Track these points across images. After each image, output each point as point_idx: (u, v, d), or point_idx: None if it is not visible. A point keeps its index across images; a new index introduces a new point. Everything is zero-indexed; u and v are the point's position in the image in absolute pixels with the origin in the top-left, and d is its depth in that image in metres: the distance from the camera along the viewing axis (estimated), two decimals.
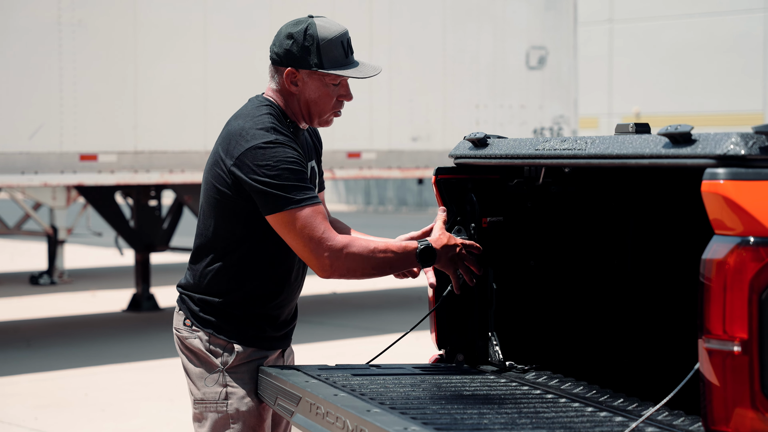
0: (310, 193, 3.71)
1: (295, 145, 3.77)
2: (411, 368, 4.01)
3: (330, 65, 3.80)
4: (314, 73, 3.81)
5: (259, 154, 3.69)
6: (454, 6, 12.66)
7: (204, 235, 3.90)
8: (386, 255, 3.75)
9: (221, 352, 3.88)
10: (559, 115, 13.51)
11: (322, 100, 3.84)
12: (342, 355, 10.11)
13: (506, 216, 4.18)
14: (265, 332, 3.93)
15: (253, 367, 3.91)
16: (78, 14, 10.24)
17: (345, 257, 3.69)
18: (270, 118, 3.80)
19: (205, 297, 3.90)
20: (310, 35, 3.79)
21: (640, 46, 31.18)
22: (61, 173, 10.28)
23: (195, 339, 3.92)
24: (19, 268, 17.47)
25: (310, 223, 3.67)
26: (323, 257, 3.69)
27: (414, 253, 3.79)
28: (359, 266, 3.72)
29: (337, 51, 3.81)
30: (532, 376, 3.98)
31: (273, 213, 3.69)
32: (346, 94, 3.88)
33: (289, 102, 3.87)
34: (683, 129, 3.05)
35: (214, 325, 3.89)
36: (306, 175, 3.74)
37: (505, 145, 3.91)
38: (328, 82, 3.82)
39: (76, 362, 9.95)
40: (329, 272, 3.72)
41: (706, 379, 2.88)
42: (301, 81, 3.83)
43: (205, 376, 3.90)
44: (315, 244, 3.68)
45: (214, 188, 3.83)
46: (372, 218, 29.92)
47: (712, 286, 2.85)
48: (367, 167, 12.13)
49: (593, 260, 4.18)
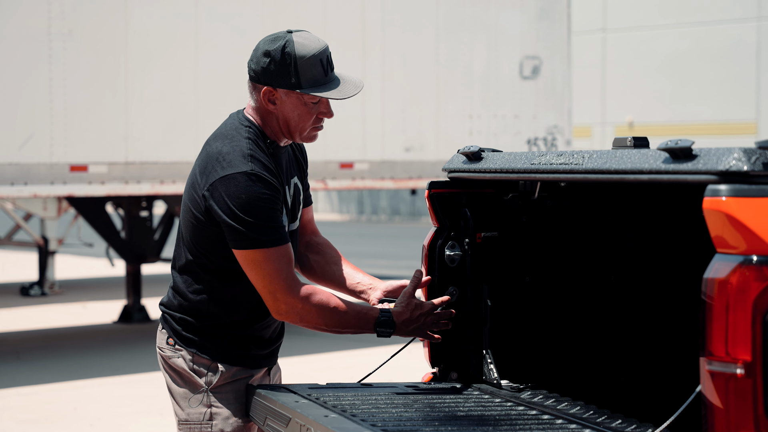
0: (278, 233, 3.63)
1: (272, 175, 3.67)
2: (403, 387, 3.92)
3: (308, 84, 3.68)
4: (292, 92, 3.70)
5: (233, 185, 3.60)
6: (447, 15, 12.58)
7: (182, 257, 3.82)
8: (344, 317, 3.69)
9: (205, 371, 3.80)
10: (553, 125, 13.44)
11: (301, 118, 3.74)
12: (332, 369, 10.02)
13: (501, 231, 4.09)
14: (250, 351, 3.84)
15: (238, 386, 3.82)
16: (68, 24, 10.15)
17: (301, 309, 3.65)
18: (249, 143, 3.70)
19: (186, 317, 3.81)
20: (288, 53, 3.67)
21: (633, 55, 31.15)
22: (51, 184, 10.19)
23: (178, 358, 3.83)
24: (9, 279, 17.36)
25: (273, 266, 3.62)
26: (279, 302, 3.65)
27: (372, 323, 3.72)
28: (312, 320, 3.68)
29: (316, 69, 3.69)
30: (528, 395, 3.89)
31: (237, 249, 3.64)
32: (327, 112, 3.77)
33: (268, 120, 3.78)
34: (684, 144, 2.96)
35: (197, 344, 3.81)
36: (277, 214, 3.65)
37: (499, 159, 3.82)
38: (307, 100, 3.72)
39: (65, 375, 9.85)
40: (283, 317, 3.69)
41: (708, 401, 2.79)
42: (279, 100, 3.72)
43: (189, 396, 3.81)
44: (273, 288, 3.64)
45: (189, 211, 3.74)
46: (365, 228, 29.83)
47: (714, 307, 2.77)
48: (359, 178, 12.04)
49: (590, 277, 4.09)
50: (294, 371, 9.70)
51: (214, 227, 3.67)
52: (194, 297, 3.78)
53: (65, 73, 10.13)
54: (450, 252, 4.05)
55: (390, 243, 24.48)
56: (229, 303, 3.78)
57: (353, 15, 11.96)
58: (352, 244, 24.48)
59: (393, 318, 3.73)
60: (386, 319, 3.72)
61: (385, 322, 3.72)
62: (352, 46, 11.94)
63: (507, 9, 13.05)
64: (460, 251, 4.04)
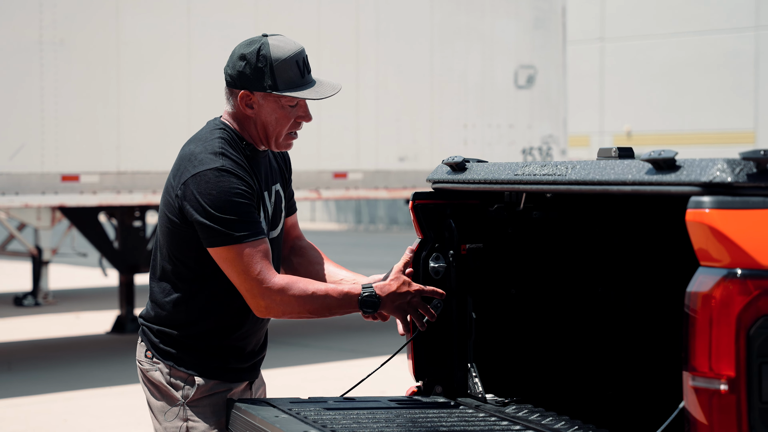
0: (253, 228, 3.57)
1: (244, 172, 3.62)
2: (387, 401, 3.85)
3: (285, 86, 3.64)
4: (269, 95, 3.66)
5: (204, 181, 3.56)
6: (442, 24, 12.54)
7: (159, 266, 3.76)
8: (325, 300, 3.62)
9: (182, 384, 3.73)
10: (549, 134, 13.39)
11: (279, 122, 3.69)
12: (325, 379, 9.95)
13: (486, 242, 4.03)
14: (228, 363, 3.78)
15: (216, 400, 3.75)
16: (60, 33, 10.10)
17: (281, 301, 3.58)
18: (221, 142, 3.66)
19: (163, 329, 3.75)
20: (263, 56, 3.64)
21: (631, 64, 31.14)
22: (42, 194, 10.13)
23: (156, 371, 3.77)
24: (3, 289, 17.29)
25: (248, 261, 3.55)
26: (258, 297, 3.58)
27: (356, 300, 3.65)
28: (295, 310, 3.61)
29: (292, 71, 3.65)
30: (513, 409, 3.83)
31: (212, 246, 3.58)
32: (305, 115, 3.73)
33: (246, 125, 3.73)
34: (667, 155, 2.90)
35: (175, 357, 3.74)
36: (251, 208, 3.60)
37: (483, 170, 3.76)
38: (284, 103, 3.68)
39: (56, 386, 9.78)
40: (264, 313, 3.63)
41: (692, 417, 2.73)
42: (256, 103, 3.68)
43: (166, 410, 3.75)
44: (251, 284, 3.57)
45: (165, 216, 3.69)
46: (362, 237, 29.77)
47: (697, 321, 2.71)
48: (353, 187, 11.99)
49: (576, 289, 4.03)
50: (287, 382, 9.64)
51: (190, 230, 3.61)
52: (171, 306, 3.72)
53: (57, 83, 10.08)
54: (434, 264, 3.98)
55: (387, 253, 24.41)
56: (206, 311, 3.72)
57: (347, 24, 11.91)
58: (350, 253, 24.41)
59: (376, 292, 3.65)
60: (369, 293, 3.65)
61: (368, 297, 3.64)
62: (347, 56, 11.90)
63: (502, 18, 13.01)
64: (444, 263, 3.98)
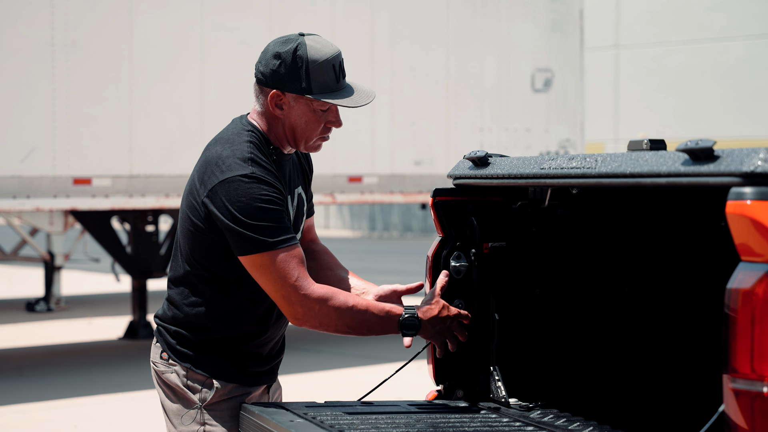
0: (286, 234, 3.45)
1: (274, 178, 3.50)
2: (406, 406, 3.71)
3: (319, 90, 3.50)
4: (301, 98, 3.52)
5: (233, 188, 3.42)
6: (457, 27, 12.40)
7: (179, 268, 3.65)
8: (364, 315, 3.49)
9: (199, 387, 3.61)
10: (566, 138, 13.24)
11: (308, 126, 3.56)
12: (339, 386, 9.81)
13: (509, 241, 3.88)
14: (247, 367, 3.66)
15: (234, 404, 3.64)
16: (72, 35, 9.98)
17: (319, 311, 3.46)
18: (249, 147, 3.52)
19: (180, 330, 3.64)
20: (300, 56, 3.49)
21: (646, 71, 31.03)
22: (54, 197, 10.01)
23: (172, 374, 3.65)
24: (15, 295, 17.19)
25: (284, 268, 3.42)
26: (296, 305, 3.45)
27: (396, 320, 3.51)
28: (333, 322, 3.47)
29: (328, 75, 3.50)
30: (537, 414, 3.68)
31: (244, 254, 3.45)
32: (336, 121, 3.58)
33: (273, 126, 3.59)
34: (705, 144, 2.75)
35: (192, 359, 3.62)
36: (282, 214, 3.47)
37: (507, 164, 3.61)
38: (316, 107, 3.53)
39: (68, 392, 9.66)
40: (301, 322, 3.49)
41: (732, 422, 2.58)
42: (286, 105, 3.54)
43: (182, 413, 3.63)
44: (288, 291, 3.44)
45: (188, 219, 3.57)
46: (377, 244, 29.65)
47: (738, 319, 2.56)
48: (368, 192, 11.86)
49: (603, 289, 3.88)
50: (301, 388, 9.51)
51: (215, 235, 3.50)
52: (190, 310, 3.61)
53: (69, 85, 9.96)
54: (455, 263, 3.84)
55: (401, 259, 24.29)
56: (227, 317, 3.61)
57: (362, 28, 11.79)
58: (364, 260, 24.29)
59: (418, 315, 3.53)
60: (411, 316, 3.51)
61: (410, 320, 3.51)
62: (361, 59, 11.78)
63: (518, 21, 12.87)
64: (466, 262, 3.83)
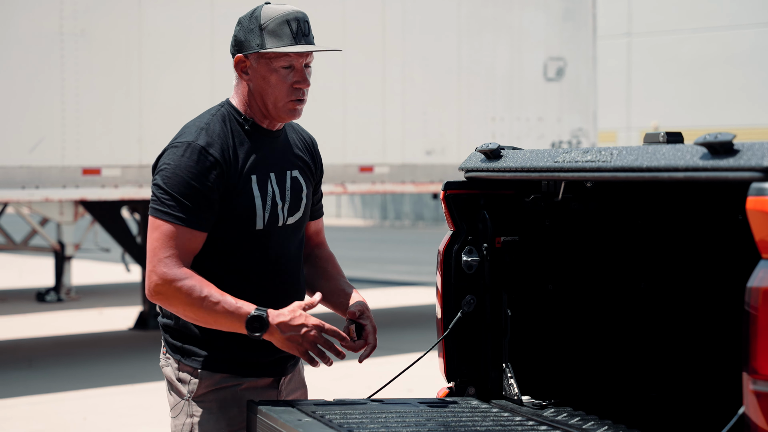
0: (190, 216, 3.41)
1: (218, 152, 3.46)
2: (416, 403, 3.63)
3: (273, 45, 3.47)
4: (261, 57, 3.51)
5: (170, 153, 3.48)
6: (469, 16, 12.31)
7: None
8: (213, 309, 3.38)
9: (188, 379, 3.56)
10: (578, 128, 13.14)
11: (274, 87, 3.52)
12: (350, 377, 9.75)
13: (522, 235, 3.81)
14: (237, 356, 3.55)
15: (224, 395, 3.55)
16: (81, 24, 9.92)
17: (167, 290, 3.39)
18: (209, 117, 3.55)
19: (168, 322, 3.60)
20: (256, 17, 3.52)
21: (658, 59, 30.91)
22: (63, 188, 9.96)
23: (168, 367, 3.62)
24: (26, 285, 17.16)
25: (163, 241, 3.39)
26: (152, 277, 3.39)
27: (244, 317, 3.38)
28: (179, 306, 3.41)
29: (283, 30, 3.48)
30: (551, 413, 3.60)
31: (149, 213, 3.46)
32: (301, 80, 3.53)
33: (247, 97, 3.59)
34: (724, 138, 2.67)
35: (182, 350, 3.58)
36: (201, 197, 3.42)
37: (520, 157, 3.53)
38: (276, 66, 3.50)
39: (77, 384, 9.61)
40: (152, 294, 3.42)
41: (753, 423, 2.50)
42: (251, 68, 3.54)
43: (173, 406, 3.59)
44: (154, 264, 3.39)
45: None
46: (388, 233, 29.60)
47: (759, 319, 2.48)
48: (379, 181, 11.78)
49: (618, 284, 3.80)
50: (310, 380, 9.42)
51: None
52: None
53: (78, 74, 9.90)
54: (467, 258, 3.76)
55: (413, 249, 24.23)
56: None
57: (373, 17, 11.71)
58: (375, 249, 24.24)
59: (267, 317, 3.38)
60: (259, 315, 3.37)
61: (256, 318, 3.36)
62: (373, 49, 11.70)
63: (530, 10, 12.78)
64: (478, 257, 3.76)
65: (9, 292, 16.37)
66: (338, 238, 26.35)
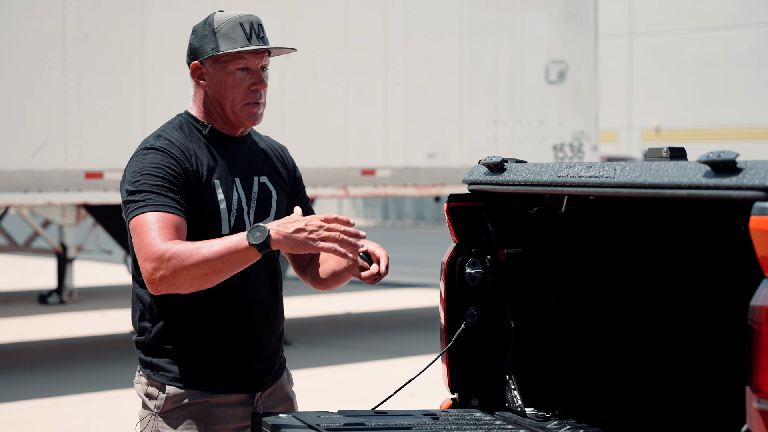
0: (162, 202, 3.33)
1: (180, 151, 3.44)
2: (420, 415, 3.64)
3: (228, 48, 3.48)
4: (217, 62, 3.51)
5: (133, 162, 3.43)
6: (471, 19, 12.32)
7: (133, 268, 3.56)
8: (214, 250, 3.23)
9: (156, 394, 3.52)
10: (580, 130, 13.15)
11: (230, 90, 3.51)
12: (352, 380, 9.76)
13: (525, 247, 3.82)
14: (205, 370, 3.51)
15: (191, 411, 3.49)
16: (83, 27, 9.93)
17: (163, 265, 3.22)
18: (167, 126, 3.56)
19: (140, 338, 3.57)
20: (209, 23, 3.53)
21: (659, 59, 30.91)
22: (65, 192, 9.97)
23: (139, 383, 3.59)
24: (28, 287, 17.17)
25: (146, 228, 3.27)
26: (146, 262, 3.25)
27: (245, 238, 3.23)
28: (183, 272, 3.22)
29: (237, 33, 3.48)
30: (555, 425, 3.62)
31: (128, 221, 3.35)
32: (258, 82, 3.52)
33: (207, 104, 3.58)
34: (727, 156, 2.68)
35: (151, 366, 3.54)
36: (168, 184, 3.36)
37: (524, 171, 3.54)
38: (232, 68, 3.50)
39: (80, 387, 9.62)
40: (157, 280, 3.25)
41: None
42: (207, 74, 3.54)
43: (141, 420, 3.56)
44: (141, 252, 3.27)
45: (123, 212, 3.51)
46: (390, 233, 29.60)
47: (762, 336, 2.49)
48: (381, 185, 11.79)
49: (621, 296, 3.81)
50: (313, 384, 9.47)
51: None
52: (138, 312, 3.56)
53: (80, 78, 9.91)
54: (471, 270, 3.78)
55: (415, 249, 24.23)
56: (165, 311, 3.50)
57: (375, 20, 11.72)
58: None
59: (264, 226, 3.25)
60: (256, 225, 3.26)
61: (254, 228, 3.23)
62: (374, 51, 11.71)
63: (532, 12, 12.79)
64: (481, 269, 3.77)
65: (11, 294, 16.38)
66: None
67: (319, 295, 15.84)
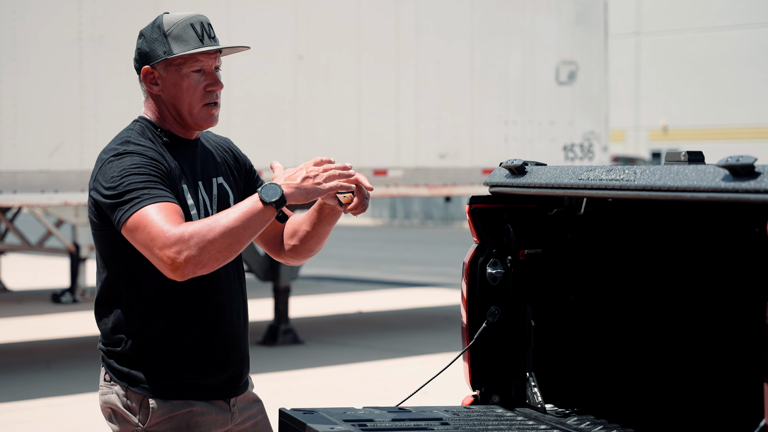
0: (157, 192, 3.28)
1: (152, 152, 3.39)
2: (441, 411, 3.74)
3: (180, 50, 3.43)
4: (170, 65, 3.45)
5: (107, 169, 3.33)
6: (482, 20, 12.41)
7: (98, 276, 3.51)
8: (231, 217, 3.21)
9: (138, 407, 3.42)
10: (590, 131, 13.24)
11: (186, 93, 3.46)
12: (365, 379, 9.85)
13: (545, 248, 3.91)
14: (185, 379, 3.45)
15: (178, 422, 3.44)
16: (99, 29, 10.03)
17: (188, 239, 3.15)
18: (128, 132, 3.46)
19: (112, 348, 3.47)
20: (158, 26, 3.44)
21: (667, 58, 30.94)
22: (81, 192, 10.06)
23: (112, 394, 3.47)
24: (41, 286, 17.28)
25: (151, 220, 3.20)
26: (165, 249, 3.17)
27: (259, 198, 3.23)
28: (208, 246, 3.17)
29: (188, 34, 3.43)
30: (574, 421, 3.71)
31: (121, 225, 3.27)
32: (214, 83, 3.48)
33: (160, 109, 3.51)
34: (745, 161, 2.78)
35: (128, 377, 3.44)
36: (154, 179, 3.33)
37: (545, 174, 3.64)
38: (186, 71, 3.45)
39: (94, 386, 9.69)
40: (180, 264, 3.17)
41: None
42: (160, 78, 3.47)
43: None
44: (155, 241, 3.18)
45: (90, 221, 3.47)
46: (398, 233, 29.68)
47: None
48: (393, 185, 11.88)
49: (639, 296, 3.90)
50: (327, 382, 9.56)
51: (111, 227, 3.37)
52: (111, 320, 3.47)
53: (96, 80, 10.01)
54: (492, 270, 3.87)
55: (423, 249, 24.31)
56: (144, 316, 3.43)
57: (387, 21, 11.80)
58: (385, 249, 24.33)
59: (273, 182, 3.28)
60: (264, 185, 3.27)
61: (266, 188, 3.25)
62: (386, 53, 11.80)
63: (543, 14, 12.87)
64: (502, 269, 3.87)
65: (24, 294, 16.49)
66: (348, 238, 26.45)
67: (330, 295, 15.93)
